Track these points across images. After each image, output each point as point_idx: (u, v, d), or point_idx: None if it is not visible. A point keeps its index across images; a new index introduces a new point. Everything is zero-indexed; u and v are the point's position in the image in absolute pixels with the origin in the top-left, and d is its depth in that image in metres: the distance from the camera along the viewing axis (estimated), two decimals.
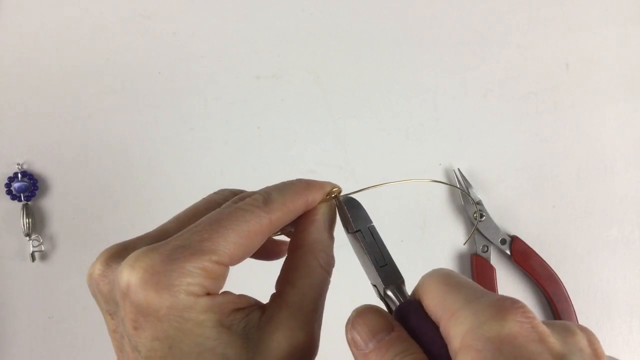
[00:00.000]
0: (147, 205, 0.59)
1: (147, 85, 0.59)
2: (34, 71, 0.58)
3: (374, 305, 0.26)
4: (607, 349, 0.63)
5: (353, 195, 0.31)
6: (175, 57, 0.60)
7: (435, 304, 0.23)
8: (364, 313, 0.25)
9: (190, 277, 0.23)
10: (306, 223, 0.29)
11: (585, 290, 0.62)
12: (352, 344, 0.25)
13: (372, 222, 0.30)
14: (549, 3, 0.64)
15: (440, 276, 0.24)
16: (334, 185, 0.31)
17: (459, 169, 0.61)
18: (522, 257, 0.60)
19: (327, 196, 0.30)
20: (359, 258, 0.31)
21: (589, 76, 0.64)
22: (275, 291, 0.27)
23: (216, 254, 0.24)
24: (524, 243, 0.60)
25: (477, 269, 0.60)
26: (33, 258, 0.56)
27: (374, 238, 0.30)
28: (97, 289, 0.26)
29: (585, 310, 0.61)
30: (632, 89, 0.64)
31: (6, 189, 0.56)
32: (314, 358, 0.26)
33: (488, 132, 0.63)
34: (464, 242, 0.55)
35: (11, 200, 0.56)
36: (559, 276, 0.60)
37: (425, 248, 0.60)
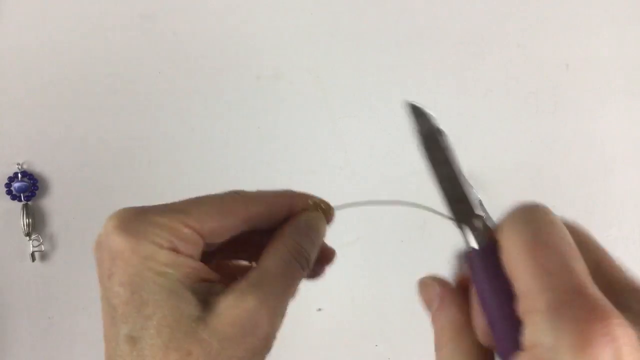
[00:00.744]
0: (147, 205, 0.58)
1: (147, 85, 0.59)
2: (34, 71, 0.58)
3: (429, 276, 0.27)
4: None
5: (338, 210, 0.31)
6: (175, 57, 0.60)
7: (516, 270, 0.20)
8: (421, 284, 0.26)
9: (157, 228, 0.25)
10: (287, 223, 0.30)
11: None
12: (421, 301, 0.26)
13: (451, 149, 0.27)
14: (549, 3, 0.64)
15: (527, 228, 0.21)
16: (320, 199, 0.32)
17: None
18: None
19: (313, 206, 0.31)
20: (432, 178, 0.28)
21: (589, 76, 0.64)
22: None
23: (185, 215, 0.26)
24: None
25: None
26: (33, 258, 0.56)
27: (453, 167, 0.27)
28: (95, 257, 0.27)
29: None
30: (632, 89, 0.64)
31: (6, 189, 0.56)
32: (267, 342, 0.26)
33: (488, 132, 0.62)
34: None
35: (11, 200, 0.56)
36: None
37: (426, 248, 0.60)
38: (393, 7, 0.62)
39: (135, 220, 0.26)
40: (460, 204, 0.25)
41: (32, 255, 0.56)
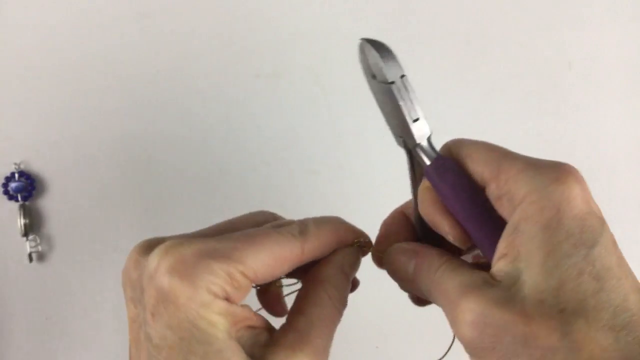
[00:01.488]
0: (146, 206, 0.58)
1: (145, 84, 0.59)
2: (31, 70, 0.58)
3: (393, 247, 0.30)
4: None
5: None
6: (173, 55, 0.59)
7: (485, 164, 0.26)
8: (391, 255, 0.30)
9: (215, 276, 0.25)
10: (323, 261, 0.30)
11: None
12: (397, 278, 0.29)
13: (404, 72, 0.29)
14: (551, 2, 0.63)
15: (483, 142, 0.27)
16: (366, 236, 0.32)
17: None
18: None
19: (355, 243, 0.31)
20: (383, 111, 0.30)
21: (592, 75, 0.64)
22: (286, 320, 0.28)
23: (243, 265, 0.25)
24: None
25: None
26: (30, 259, 0.56)
27: (406, 89, 0.29)
28: (127, 276, 0.27)
29: None
30: (635, 89, 0.64)
31: (3, 189, 0.56)
32: None
33: (490, 132, 0.62)
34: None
35: (8, 201, 0.56)
36: None
37: None
38: (393, 6, 0.62)
39: (194, 265, 0.24)
40: (420, 126, 0.28)
41: (30, 256, 0.56)
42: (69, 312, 0.57)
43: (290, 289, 0.33)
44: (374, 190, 0.61)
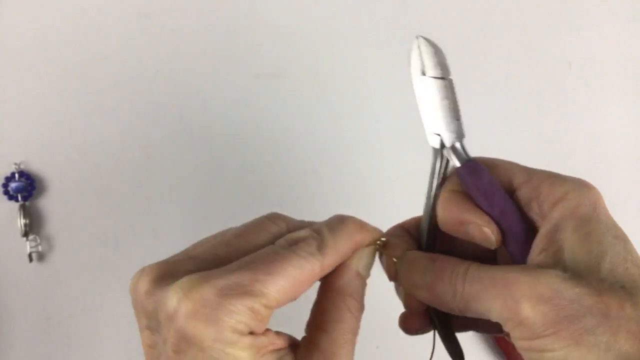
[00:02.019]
0: (146, 206, 0.58)
1: (145, 84, 0.59)
2: (31, 70, 0.58)
3: (408, 254, 0.31)
4: None
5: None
6: (173, 55, 0.59)
7: (514, 173, 0.29)
8: (410, 261, 0.30)
9: (239, 315, 0.24)
10: (341, 266, 0.29)
11: None
12: (412, 286, 0.29)
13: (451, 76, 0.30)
14: (552, 2, 0.63)
15: (512, 162, 0.30)
16: (383, 235, 0.32)
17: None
18: None
19: (374, 242, 0.31)
20: (427, 107, 0.32)
21: (591, 75, 0.64)
22: (305, 334, 0.28)
23: (265, 298, 0.25)
24: None
25: None
26: (30, 259, 0.56)
27: (453, 90, 0.31)
28: (140, 305, 0.27)
29: None
30: (635, 88, 0.64)
31: (3, 189, 0.56)
32: None
33: (490, 132, 0.62)
34: None
35: (8, 201, 0.56)
36: None
37: None
38: (393, 5, 0.62)
39: (217, 307, 0.24)
40: (459, 126, 0.30)
41: (30, 256, 0.56)
42: (68, 312, 0.57)
43: None
44: (374, 190, 0.61)
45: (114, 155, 0.58)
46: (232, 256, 0.26)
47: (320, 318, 0.28)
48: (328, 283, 0.29)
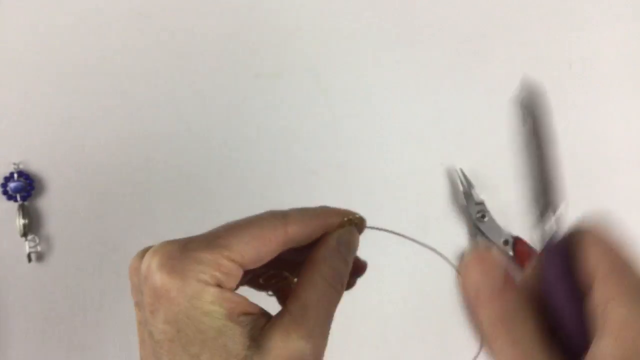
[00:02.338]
0: (145, 206, 0.58)
1: (144, 84, 0.59)
2: (30, 70, 0.58)
3: (486, 252, 0.24)
4: None
5: (373, 228, 0.31)
6: (172, 55, 0.59)
7: (604, 273, 0.21)
8: (477, 260, 0.24)
9: (202, 265, 0.25)
10: (319, 244, 0.30)
11: None
12: (464, 288, 0.24)
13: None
14: (552, 2, 0.63)
15: (617, 249, 0.23)
16: (354, 213, 0.32)
17: (461, 169, 0.60)
18: (525, 258, 0.59)
19: (347, 222, 0.31)
20: (535, 174, 0.27)
21: (592, 75, 0.63)
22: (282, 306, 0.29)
23: (228, 249, 0.26)
24: (527, 244, 0.60)
25: None
26: (29, 259, 0.56)
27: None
28: (131, 283, 0.28)
29: None
30: (636, 88, 0.64)
31: (2, 189, 0.55)
32: None
33: (490, 132, 0.62)
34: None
35: (7, 201, 0.56)
36: None
37: (426, 250, 0.59)
38: (393, 5, 0.62)
39: (180, 258, 0.26)
40: (543, 198, 0.25)
41: (29, 256, 0.56)
42: (67, 312, 0.57)
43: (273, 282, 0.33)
44: (374, 190, 0.60)
45: (113, 155, 0.58)
46: None
47: (296, 288, 0.29)
48: (307, 260, 0.30)
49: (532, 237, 0.24)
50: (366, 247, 0.33)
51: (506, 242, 0.60)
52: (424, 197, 0.61)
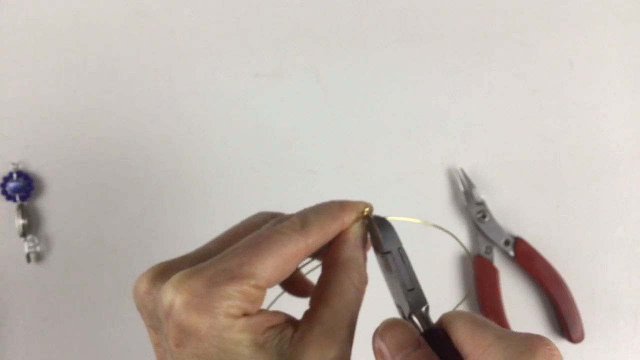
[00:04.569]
0: (144, 206, 0.58)
1: (144, 83, 0.58)
2: (29, 69, 0.57)
3: (403, 320, 0.28)
4: (611, 351, 0.62)
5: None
6: (172, 54, 0.59)
7: (464, 338, 0.25)
8: (393, 326, 0.27)
9: (230, 300, 0.25)
10: (339, 242, 0.30)
11: (589, 292, 0.61)
12: (378, 354, 0.27)
13: (402, 245, 0.30)
14: (552, 1, 0.63)
15: (467, 315, 0.26)
16: (367, 204, 0.32)
17: (462, 169, 0.60)
18: (526, 258, 0.59)
19: (359, 215, 0.31)
20: (385, 278, 0.31)
21: (593, 74, 0.63)
22: (308, 308, 0.28)
23: (254, 278, 0.25)
24: (527, 244, 0.59)
25: (480, 270, 0.59)
26: (28, 259, 0.56)
27: (403, 261, 0.30)
28: (142, 304, 0.28)
29: (589, 312, 0.60)
30: (637, 88, 0.63)
31: (1, 189, 0.55)
32: None
33: (491, 131, 0.62)
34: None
35: (6, 201, 0.55)
36: (563, 278, 0.59)
37: (427, 250, 0.59)
38: (394, 4, 0.61)
39: (207, 294, 0.25)
40: (414, 295, 0.29)
41: (28, 256, 0.56)
42: (66, 312, 0.57)
43: (308, 268, 0.33)
44: (374, 190, 0.60)
45: (113, 155, 0.58)
46: (223, 250, 0.27)
47: (323, 292, 0.28)
48: (329, 258, 0.30)
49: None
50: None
51: (507, 243, 0.59)
52: (424, 197, 0.61)
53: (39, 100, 0.57)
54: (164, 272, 0.27)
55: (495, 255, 0.60)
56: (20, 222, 0.55)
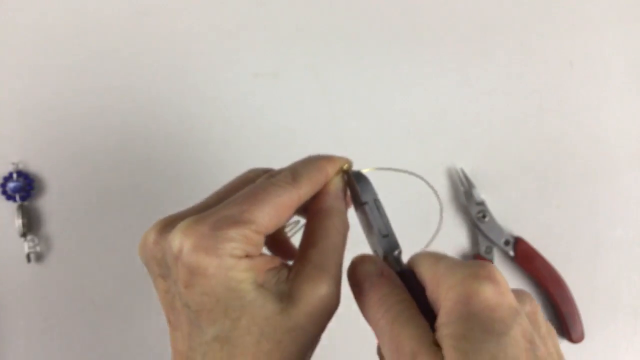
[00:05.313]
0: (145, 205, 0.58)
1: (144, 83, 0.58)
2: (29, 69, 0.57)
3: (370, 255, 0.32)
4: (611, 351, 0.62)
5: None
6: (172, 54, 0.59)
7: (425, 273, 0.29)
8: (361, 259, 0.31)
9: (234, 242, 0.28)
10: (322, 193, 0.33)
11: (589, 291, 0.61)
12: (351, 284, 0.31)
13: (377, 196, 0.35)
14: (552, 1, 0.63)
15: (428, 253, 0.30)
16: (347, 160, 0.36)
17: (462, 169, 0.60)
18: (525, 258, 0.59)
19: (339, 170, 0.35)
20: (363, 228, 0.34)
21: (593, 74, 0.63)
22: (299, 253, 0.31)
23: (255, 224, 0.28)
24: (527, 244, 0.59)
25: None
26: (29, 259, 0.56)
27: (378, 210, 0.34)
28: (150, 254, 0.31)
29: (590, 312, 0.60)
30: (637, 88, 0.63)
31: (1, 189, 0.55)
32: (335, 310, 0.30)
33: (491, 131, 0.62)
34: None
35: (6, 201, 0.55)
36: (563, 277, 0.59)
37: (427, 249, 0.59)
38: (394, 4, 0.61)
39: (213, 237, 0.28)
40: (389, 241, 0.33)
41: (28, 256, 0.56)
42: (67, 312, 0.57)
43: (292, 231, 0.37)
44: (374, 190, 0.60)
45: (113, 155, 0.58)
46: (221, 202, 0.30)
47: (310, 237, 0.32)
48: (314, 207, 0.33)
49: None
50: None
51: (507, 242, 0.59)
52: (424, 196, 0.61)
53: (39, 100, 0.57)
54: (170, 223, 0.30)
55: (495, 255, 0.60)
56: (20, 222, 0.55)
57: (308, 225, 0.33)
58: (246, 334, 0.28)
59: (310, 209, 0.33)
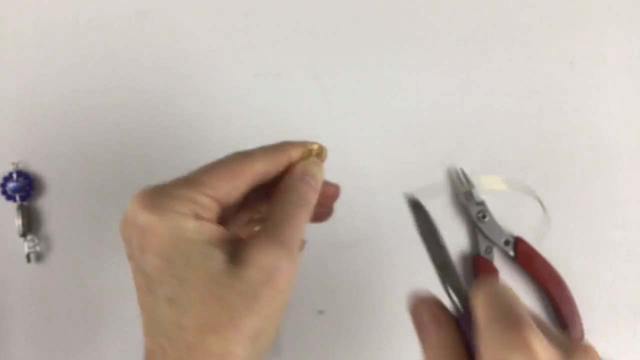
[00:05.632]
0: None
1: (144, 83, 0.58)
2: (29, 68, 0.57)
3: (424, 296, 0.31)
4: (611, 351, 0.62)
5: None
6: (172, 54, 0.59)
7: (478, 318, 0.27)
8: (416, 302, 0.30)
9: (180, 200, 0.29)
10: (286, 174, 0.34)
11: (589, 292, 0.61)
12: (412, 321, 0.30)
13: (435, 224, 0.34)
14: (552, 1, 0.63)
15: (489, 290, 0.28)
16: (315, 143, 0.37)
17: (462, 169, 0.60)
18: (526, 258, 0.59)
19: (308, 154, 0.35)
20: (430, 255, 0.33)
21: (593, 74, 0.63)
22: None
23: (202, 186, 0.30)
24: (527, 244, 0.59)
25: (480, 271, 0.59)
26: (29, 259, 0.56)
27: (434, 241, 0.33)
28: (122, 237, 0.31)
29: (589, 312, 0.60)
30: (637, 88, 0.63)
31: (1, 189, 0.55)
32: (289, 281, 0.30)
33: (491, 132, 0.62)
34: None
35: (6, 201, 0.55)
36: (563, 277, 0.59)
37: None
38: (394, 4, 0.61)
39: (159, 196, 0.29)
40: (449, 278, 0.31)
41: (28, 256, 0.56)
42: (67, 312, 0.57)
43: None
44: (374, 190, 0.60)
45: (113, 155, 0.58)
46: None
47: (268, 212, 0.32)
48: (277, 187, 0.34)
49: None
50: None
51: (507, 243, 0.59)
52: (424, 197, 0.61)
53: (39, 99, 0.57)
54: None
55: (495, 255, 0.60)
56: (20, 222, 0.55)
57: (271, 201, 0.33)
58: (193, 292, 0.27)
59: (274, 189, 0.34)
